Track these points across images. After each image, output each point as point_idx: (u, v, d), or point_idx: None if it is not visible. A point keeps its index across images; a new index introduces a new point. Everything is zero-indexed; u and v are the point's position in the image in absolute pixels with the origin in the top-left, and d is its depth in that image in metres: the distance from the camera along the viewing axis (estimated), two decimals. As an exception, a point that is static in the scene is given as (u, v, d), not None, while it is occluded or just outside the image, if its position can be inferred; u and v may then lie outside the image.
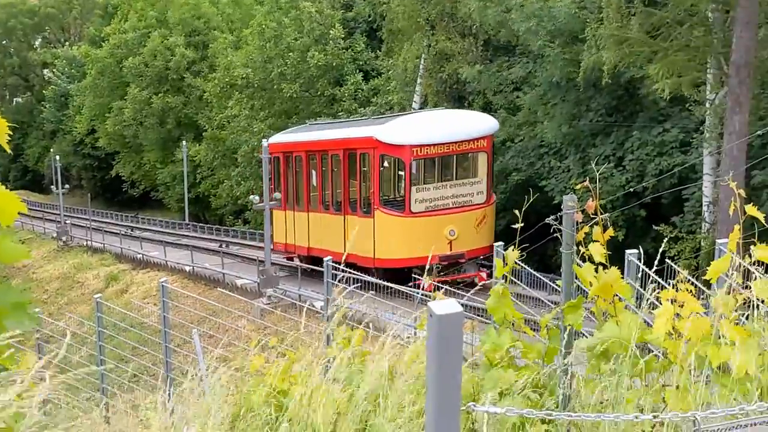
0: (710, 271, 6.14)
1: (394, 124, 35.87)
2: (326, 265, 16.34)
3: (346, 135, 37.77)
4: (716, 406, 5.44)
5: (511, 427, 6.61)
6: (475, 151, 34.83)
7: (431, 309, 3.07)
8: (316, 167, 39.57)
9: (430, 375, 3.11)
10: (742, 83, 27.15)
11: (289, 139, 43.64)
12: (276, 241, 42.49)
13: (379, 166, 34.95)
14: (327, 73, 64.33)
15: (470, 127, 34.78)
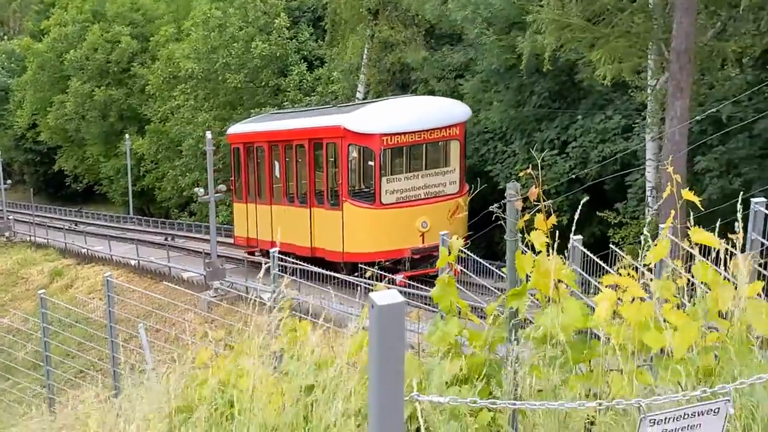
0: (649, 255, 6.20)
1: (363, 112, 34.81)
2: (272, 256, 16.27)
3: (311, 124, 36.63)
4: (661, 389, 5.50)
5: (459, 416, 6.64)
6: (447, 139, 33.93)
7: (372, 300, 3.06)
8: (280, 158, 38.26)
9: (372, 365, 3.10)
10: (683, 69, 27.38)
11: (249, 129, 42.19)
12: (237, 235, 41.68)
13: (347, 156, 33.67)
14: (271, 63, 64.05)
15: (442, 114, 33.91)
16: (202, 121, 64.41)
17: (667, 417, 3.98)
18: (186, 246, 54.14)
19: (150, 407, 7.94)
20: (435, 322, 6.88)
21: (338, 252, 33.47)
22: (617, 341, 6.18)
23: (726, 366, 5.58)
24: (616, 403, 4.03)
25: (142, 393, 8.62)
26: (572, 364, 6.32)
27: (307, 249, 34.73)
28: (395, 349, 3.07)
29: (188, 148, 67.39)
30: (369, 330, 3.12)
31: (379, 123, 32.91)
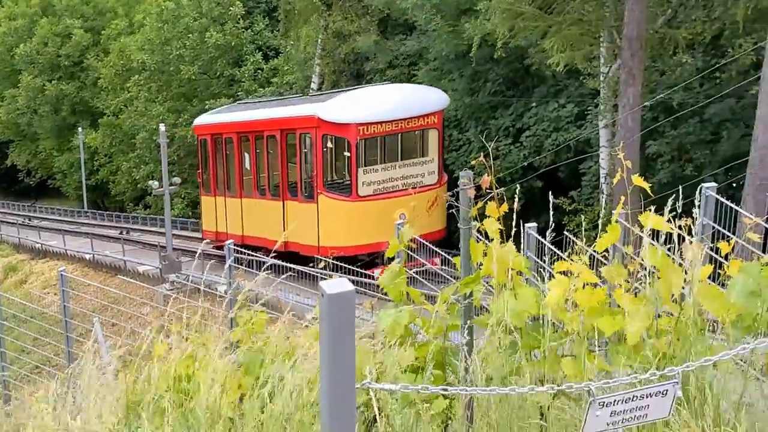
0: (600, 241, 6.24)
1: (338, 101, 33.22)
2: (227, 248, 16.26)
3: (283, 114, 35.23)
4: (617, 374, 5.55)
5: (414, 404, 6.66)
6: (425, 127, 32.66)
7: (323, 288, 3.07)
8: (250, 150, 36.91)
9: (323, 354, 3.11)
10: (635, 56, 27.58)
11: (217, 119, 40.68)
12: (206, 229, 40.30)
13: (322, 146, 32.30)
14: (226, 54, 63.82)
15: (419, 103, 32.73)
16: (156, 114, 64.01)
17: (616, 400, 4.02)
18: (141, 239, 53.86)
19: (105, 401, 7.90)
20: (386, 311, 6.89)
21: (313, 246, 32.11)
22: (570, 327, 6.23)
23: (678, 350, 5.64)
24: (566, 386, 4.06)
25: (97, 387, 8.57)
26: (526, 350, 6.36)
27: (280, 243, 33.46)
28: (346, 336, 3.08)
29: (142, 141, 66.97)
30: (320, 318, 3.13)
31: (355, 112, 31.77)
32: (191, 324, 9.60)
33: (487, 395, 6.13)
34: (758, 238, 6.46)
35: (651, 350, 5.67)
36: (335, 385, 3.08)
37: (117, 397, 7.81)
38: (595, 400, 3.95)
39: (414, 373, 6.81)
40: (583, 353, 5.87)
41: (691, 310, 5.92)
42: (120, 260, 45.31)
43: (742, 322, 5.66)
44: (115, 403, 7.76)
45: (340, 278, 3.19)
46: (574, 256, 6.38)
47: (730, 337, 5.59)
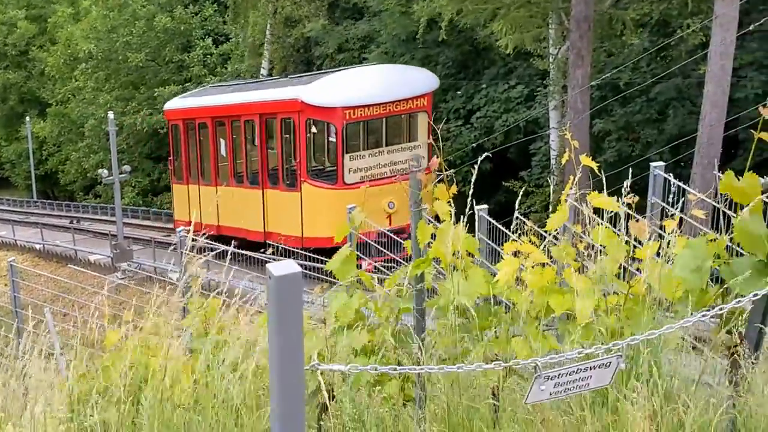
0: (549, 222, 6.29)
1: (323, 84, 31.11)
2: (179, 235, 16.19)
3: (262, 98, 33.06)
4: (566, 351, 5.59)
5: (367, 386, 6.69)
6: (414, 111, 30.58)
7: (269, 270, 3.07)
8: (226, 135, 34.77)
9: (271, 336, 3.12)
10: (583, 37, 27.74)
11: (190, 103, 38.30)
12: (178, 219, 38.04)
13: (306, 132, 30.36)
14: (174, 39, 63.41)
15: (408, 84, 30.73)
16: (104, 102, 63.50)
17: (561, 373, 4.08)
18: (92, 228, 53.40)
19: (56, 391, 7.86)
20: (336, 294, 6.90)
21: (297, 237, 30.44)
22: (521, 307, 6.28)
23: (626, 326, 5.69)
24: (513, 363, 4.11)
25: (49, 378, 8.52)
26: (478, 331, 6.39)
27: (260, 234, 32.35)
28: (293, 318, 3.08)
29: (91, 130, 66.40)
30: (267, 300, 3.14)
31: (341, 95, 29.92)
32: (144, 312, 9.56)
33: (438, 376, 6.16)
34: (703, 215, 6.53)
35: (600, 327, 5.72)
36: (283, 366, 3.09)
37: (68, 387, 7.76)
38: (540, 374, 4.00)
39: (367, 356, 6.83)
40: (533, 333, 5.92)
41: (639, 288, 5.99)
42: (71, 249, 44.97)
43: (689, 298, 5.72)
44: (65, 393, 7.71)
45: (288, 260, 3.20)
46: (523, 236, 6.43)
47: (678, 314, 5.65)
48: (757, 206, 5.42)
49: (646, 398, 4.92)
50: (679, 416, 4.98)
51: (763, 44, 29.29)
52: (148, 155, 63.44)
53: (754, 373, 5.21)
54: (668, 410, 4.96)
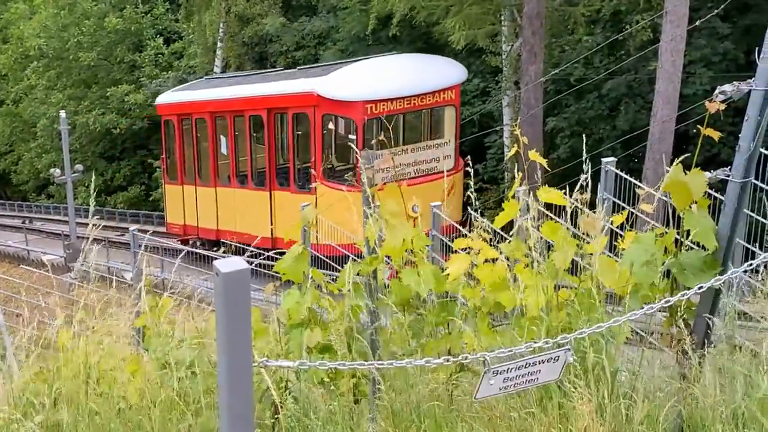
0: (498, 218, 6.32)
1: (341, 75, 28.22)
2: (132, 234, 16.13)
3: (271, 91, 30.00)
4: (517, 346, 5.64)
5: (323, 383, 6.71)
6: (441, 104, 27.94)
7: (217, 267, 3.07)
8: (228, 132, 31.78)
9: (219, 333, 3.12)
10: (536, 33, 27.89)
11: (185, 97, 35.12)
12: (171, 222, 35.90)
13: (322, 128, 27.52)
14: (126, 39, 62.98)
15: (435, 76, 27.97)
16: (56, 101, 62.92)
17: (510, 368, 4.11)
18: (45, 228, 52.93)
19: (7, 392, 7.80)
20: (289, 292, 6.90)
21: (311, 244, 26.23)
22: (473, 303, 6.32)
23: (576, 321, 5.74)
24: (461, 358, 4.13)
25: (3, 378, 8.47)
26: (430, 327, 6.43)
27: (267, 240, 27.86)
28: (241, 315, 3.09)
29: (43, 129, 65.74)
30: (215, 297, 3.14)
31: (362, 88, 27.07)
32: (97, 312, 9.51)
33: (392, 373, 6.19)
34: (651, 209, 6.59)
35: (550, 322, 5.77)
36: (232, 364, 3.10)
37: (19, 387, 7.72)
38: (489, 369, 4.03)
39: (321, 354, 6.84)
40: (484, 328, 5.96)
41: (589, 282, 6.05)
42: (23, 250, 44.58)
43: (639, 292, 5.78)
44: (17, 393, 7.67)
45: (235, 257, 3.21)
46: (473, 233, 6.47)
47: (628, 308, 5.71)
48: (702, 201, 5.49)
49: (592, 392, 4.97)
50: (626, 409, 5.03)
51: (711, 40, 29.61)
52: (101, 155, 62.92)
53: (702, 365, 5.28)
54: (615, 404, 5.01)
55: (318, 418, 6.06)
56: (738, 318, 6.03)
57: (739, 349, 5.55)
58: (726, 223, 5.45)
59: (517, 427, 5.13)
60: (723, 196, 5.53)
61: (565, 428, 4.90)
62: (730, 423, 4.84)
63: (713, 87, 5.59)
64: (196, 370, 7.30)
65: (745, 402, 4.95)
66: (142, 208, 55.45)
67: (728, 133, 16.76)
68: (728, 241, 5.47)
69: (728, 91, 5.17)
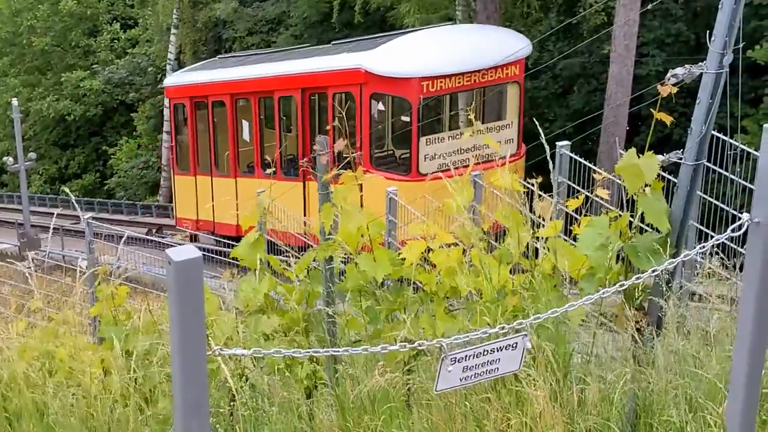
0: (451, 204, 6.32)
1: (393, 48, 24.62)
2: (87, 223, 15.98)
3: (306, 68, 26.47)
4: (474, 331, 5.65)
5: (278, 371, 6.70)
6: (503, 81, 24.34)
7: (169, 256, 3.06)
8: (251, 115, 28.31)
9: (173, 322, 3.10)
10: (490, 18, 27.99)
11: (200, 78, 31.40)
12: (181, 216, 32.20)
13: (369, 109, 24.10)
14: (81, 23, 62.42)
15: (497, 49, 24.05)
16: (9, 87, 62.31)
17: (467, 355, 4.11)
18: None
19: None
20: (246, 279, 6.88)
21: None
22: (429, 287, 6.33)
23: (532, 304, 5.77)
24: (417, 344, 4.14)
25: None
26: (387, 313, 6.44)
27: (298, 237, 19.79)
28: (195, 304, 3.07)
29: (-5, 117, 65.16)
30: (168, 286, 3.12)
31: (418, 63, 23.51)
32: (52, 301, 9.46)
33: (350, 359, 6.19)
34: (607, 194, 6.63)
35: (504, 306, 5.79)
36: (185, 353, 3.09)
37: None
38: (447, 355, 4.03)
39: (278, 341, 6.83)
40: (440, 313, 5.97)
41: (545, 266, 6.08)
42: (-25, 239, 44.11)
43: (594, 276, 5.82)
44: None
45: (188, 245, 3.19)
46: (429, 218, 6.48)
47: (583, 291, 5.74)
48: (656, 183, 5.53)
49: (546, 377, 5.00)
50: (580, 393, 5.07)
51: (664, 22, 29.86)
52: (55, 142, 62.33)
53: (654, 347, 5.32)
54: (569, 388, 5.05)
55: (274, 406, 6.06)
56: (691, 299, 6.09)
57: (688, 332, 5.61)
58: (679, 206, 5.50)
59: (473, 413, 5.15)
60: (676, 178, 5.58)
61: (521, 414, 4.93)
62: (683, 405, 4.89)
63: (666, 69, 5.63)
64: (153, 358, 7.28)
65: (694, 383, 5.01)
66: (96, 196, 55.02)
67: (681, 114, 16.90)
68: (681, 223, 5.52)
69: (680, 74, 5.21)
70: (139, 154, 54.67)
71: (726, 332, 5.53)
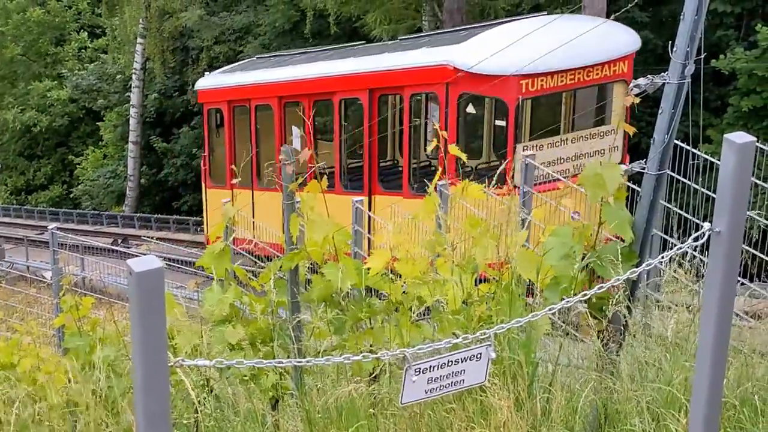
0: (419, 213, 6.33)
1: (487, 41, 20.64)
2: (51, 233, 15.87)
3: (376, 66, 22.85)
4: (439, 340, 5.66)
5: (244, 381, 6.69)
6: (609, 80, 20.71)
7: (130, 266, 3.05)
8: (304, 120, 24.00)
9: (134, 332, 3.10)
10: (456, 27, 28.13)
11: (240, 80, 27.85)
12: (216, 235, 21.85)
13: (457, 112, 20.61)
14: (48, 32, 62.17)
15: (603, 43, 20.50)
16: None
17: (431, 365, 4.11)
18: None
19: None
20: (210, 289, 6.86)
21: None
22: (394, 297, 6.33)
23: (497, 314, 5.78)
24: (380, 355, 4.14)
25: None
26: (352, 322, 6.43)
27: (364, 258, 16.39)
28: (156, 314, 3.07)
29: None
30: (129, 297, 3.11)
31: (515, 57, 19.46)
32: (16, 312, 9.41)
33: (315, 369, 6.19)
34: (572, 204, 6.68)
35: (470, 316, 5.81)
36: (147, 364, 3.08)
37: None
38: (410, 366, 4.03)
39: (243, 351, 6.82)
40: (405, 323, 5.98)
41: (510, 276, 6.09)
42: (-61, 250, 43.72)
43: (558, 285, 5.84)
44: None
45: (149, 255, 3.18)
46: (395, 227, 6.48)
47: (547, 301, 5.76)
48: (620, 193, 5.57)
49: (510, 387, 5.01)
50: (545, 403, 5.08)
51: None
52: (21, 153, 61.95)
53: (618, 356, 5.35)
54: (533, 398, 5.06)
55: (238, 416, 6.05)
56: (655, 308, 6.13)
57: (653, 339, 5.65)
58: (642, 215, 5.54)
59: (437, 423, 5.16)
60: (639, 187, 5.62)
61: (485, 424, 4.93)
62: (645, 414, 4.92)
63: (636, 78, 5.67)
64: (116, 369, 7.25)
65: (656, 393, 5.04)
66: (63, 206, 54.72)
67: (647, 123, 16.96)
68: (645, 232, 5.56)
69: (642, 84, 5.26)
70: (105, 163, 54.43)
71: (687, 339, 5.58)
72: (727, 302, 4.09)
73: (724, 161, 4.03)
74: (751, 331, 6.34)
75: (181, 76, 50.33)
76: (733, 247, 4.06)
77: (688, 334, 5.57)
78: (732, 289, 4.15)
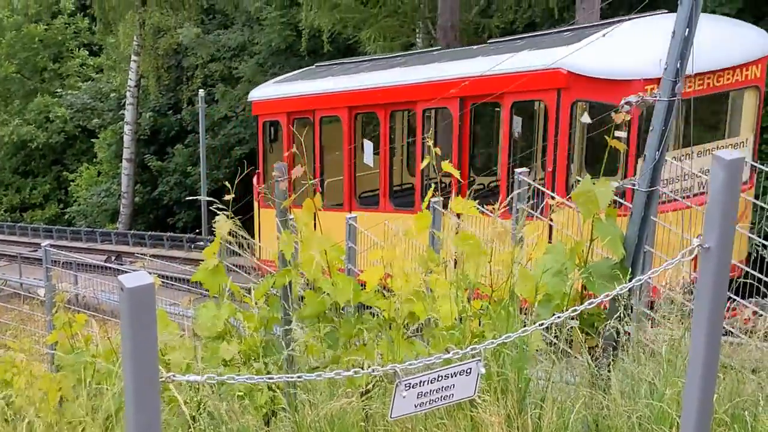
0: (409, 229, 6.35)
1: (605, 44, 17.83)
2: (44, 250, 15.85)
3: (468, 71, 19.64)
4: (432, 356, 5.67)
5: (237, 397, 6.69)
6: (739, 86, 17.89)
7: (121, 282, 3.06)
8: (380, 133, 22.15)
9: (125, 348, 3.11)
10: (450, 45, 28.12)
11: (301, 89, 24.94)
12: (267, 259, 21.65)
13: (569, 122, 17.93)
14: (47, 49, 62.25)
15: (735, 45, 17.85)
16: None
17: (422, 380, 4.12)
18: (-43, 245, 51.91)
19: None
20: (204, 306, 6.87)
21: None
22: (388, 313, 6.34)
23: (490, 330, 5.80)
24: (371, 370, 4.15)
25: None
26: (346, 338, 6.44)
27: None
28: (147, 330, 3.08)
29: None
30: (120, 313, 3.12)
31: (639, 60, 16.66)
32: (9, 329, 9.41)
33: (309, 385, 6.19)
34: (563, 220, 6.70)
35: (462, 332, 5.82)
36: (138, 379, 3.09)
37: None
38: (401, 381, 4.04)
39: (237, 367, 6.83)
40: (398, 339, 5.99)
41: (503, 292, 6.11)
42: (-67, 267, 43.64)
43: (550, 302, 5.86)
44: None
45: (140, 271, 3.19)
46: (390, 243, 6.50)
47: (539, 317, 5.78)
48: (610, 210, 5.59)
49: (501, 403, 5.02)
50: (536, 419, 5.09)
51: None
52: (16, 170, 61.88)
53: (610, 372, 5.36)
54: (523, 413, 5.07)
55: (232, 431, 6.06)
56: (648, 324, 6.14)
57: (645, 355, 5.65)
58: (634, 231, 5.56)
59: (429, 438, 5.17)
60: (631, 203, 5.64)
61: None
62: (636, 430, 4.92)
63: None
64: (109, 386, 7.24)
65: (647, 409, 5.04)
66: (57, 224, 54.61)
67: (642, 140, 16.72)
68: (636, 248, 5.58)
69: (633, 102, 5.29)
70: (100, 181, 54.33)
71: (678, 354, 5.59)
72: (716, 317, 4.11)
73: (713, 178, 4.05)
74: (741, 347, 6.35)
75: (176, 94, 50.29)
76: (723, 263, 4.08)
77: (680, 350, 5.59)
78: (721, 304, 4.17)
